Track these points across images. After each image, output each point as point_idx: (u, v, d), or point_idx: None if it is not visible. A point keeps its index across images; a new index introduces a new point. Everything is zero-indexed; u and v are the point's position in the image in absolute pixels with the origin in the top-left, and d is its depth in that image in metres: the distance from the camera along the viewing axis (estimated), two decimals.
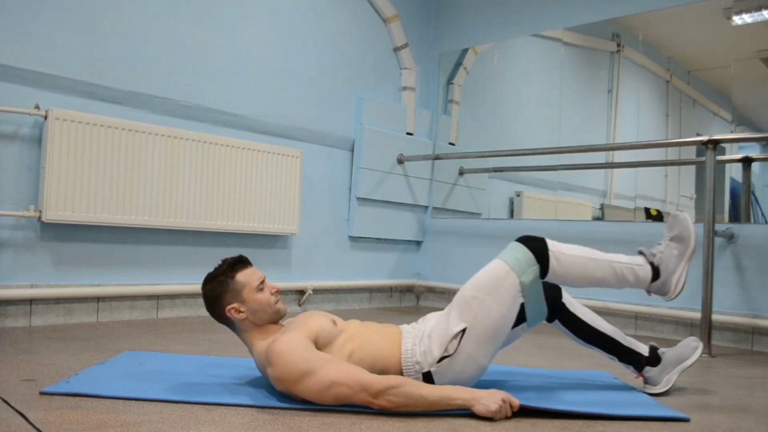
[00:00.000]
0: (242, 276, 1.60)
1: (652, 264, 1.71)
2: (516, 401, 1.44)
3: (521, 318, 1.66)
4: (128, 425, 1.27)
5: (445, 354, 1.57)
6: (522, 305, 1.62)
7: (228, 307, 1.58)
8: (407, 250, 4.11)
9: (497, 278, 1.61)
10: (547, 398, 1.63)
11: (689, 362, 1.76)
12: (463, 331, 1.57)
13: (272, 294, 1.61)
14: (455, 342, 1.57)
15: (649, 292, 1.75)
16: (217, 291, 1.59)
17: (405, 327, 1.68)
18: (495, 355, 1.64)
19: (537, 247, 1.63)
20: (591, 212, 3.81)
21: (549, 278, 1.65)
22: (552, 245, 1.65)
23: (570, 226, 3.54)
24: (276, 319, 1.62)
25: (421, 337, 1.62)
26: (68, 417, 1.30)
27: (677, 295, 1.72)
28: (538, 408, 1.48)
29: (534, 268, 1.61)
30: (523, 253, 1.62)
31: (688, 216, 1.76)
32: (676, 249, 1.73)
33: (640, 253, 1.74)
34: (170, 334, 2.48)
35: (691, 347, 1.78)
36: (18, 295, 2.45)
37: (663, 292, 1.73)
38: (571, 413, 1.49)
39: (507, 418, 1.43)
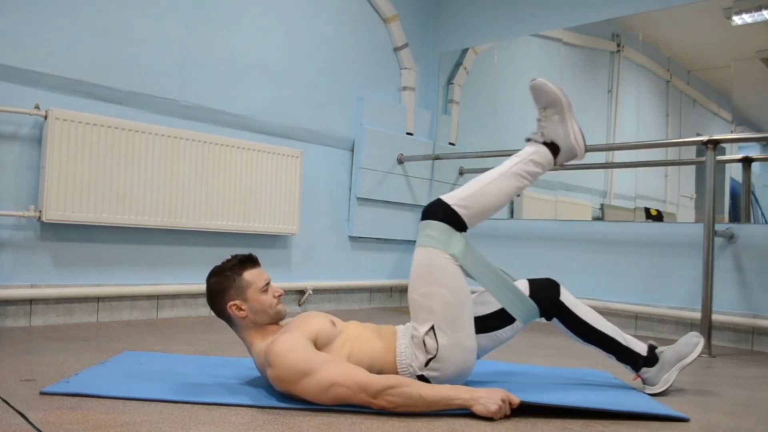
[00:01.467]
0: (249, 275, 1.60)
1: (544, 144, 1.73)
2: (516, 399, 1.44)
3: (509, 317, 1.65)
4: (128, 425, 1.27)
5: (429, 356, 1.57)
6: (485, 289, 1.64)
7: (230, 304, 1.58)
8: (407, 250, 4.11)
9: (427, 265, 1.61)
10: (546, 396, 1.63)
11: (689, 360, 1.75)
12: (432, 328, 1.57)
13: (275, 297, 1.61)
14: (431, 341, 1.57)
15: (560, 165, 1.76)
16: (223, 285, 1.59)
17: (400, 327, 1.69)
18: (476, 332, 1.63)
19: (441, 211, 1.63)
20: (591, 212, 3.81)
21: (471, 225, 1.65)
22: (449, 198, 1.65)
23: (570, 226, 3.54)
24: (276, 320, 1.62)
25: (409, 342, 1.62)
26: (68, 417, 1.30)
27: (584, 149, 1.74)
28: (537, 404, 1.48)
29: (454, 235, 1.61)
30: (433, 226, 1.63)
31: (542, 79, 1.75)
32: (554, 114, 1.74)
33: (527, 140, 1.76)
34: (170, 334, 2.48)
35: (692, 344, 1.77)
36: (18, 295, 2.45)
37: (572, 156, 1.75)
38: (569, 409, 1.49)
39: (506, 416, 1.43)
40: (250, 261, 1.63)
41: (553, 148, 1.73)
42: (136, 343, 2.23)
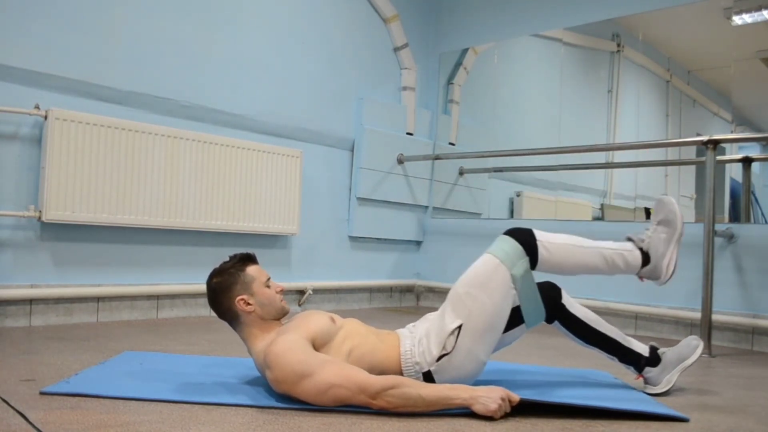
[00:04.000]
0: (252, 270, 1.62)
1: (641, 249, 1.73)
2: (515, 397, 1.45)
3: (519, 318, 1.66)
4: (128, 425, 1.27)
5: (444, 352, 1.57)
6: (517, 300, 1.64)
7: (237, 299, 1.58)
8: (407, 250, 4.11)
9: (488, 272, 1.62)
10: (546, 394, 1.63)
11: (689, 361, 1.76)
12: (459, 327, 1.58)
13: (277, 292, 1.62)
14: (452, 339, 1.57)
15: (641, 277, 1.77)
16: (228, 282, 1.59)
17: (402, 331, 1.69)
18: (492, 351, 1.65)
19: (525, 238, 1.64)
20: (591, 212, 3.81)
21: (540, 268, 1.65)
22: (540, 235, 1.66)
23: (570, 226, 3.54)
24: (281, 316, 1.63)
25: (420, 338, 1.62)
26: (68, 417, 1.30)
27: (669, 279, 1.75)
28: (537, 402, 1.48)
29: (523, 260, 1.62)
30: (512, 245, 1.63)
31: (673, 199, 1.78)
32: (663, 233, 1.75)
33: (629, 239, 1.76)
34: (170, 334, 2.48)
35: (692, 346, 1.78)
36: (18, 295, 2.45)
37: (655, 277, 1.75)
38: (569, 409, 1.49)
39: (506, 414, 1.43)
40: (250, 259, 1.65)
41: (645, 258, 1.73)
42: (136, 343, 2.23)
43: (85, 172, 2.56)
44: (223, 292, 1.60)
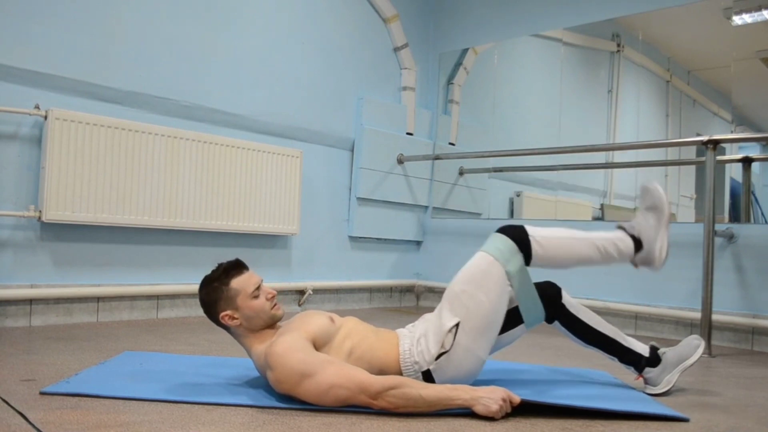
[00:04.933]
0: (237, 282, 1.58)
1: (632, 236, 1.74)
2: (516, 398, 1.45)
3: (518, 318, 1.66)
4: (128, 425, 1.27)
5: (442, 350, 1.58)
6: (514, 298, 1.64)
7: (222, 314, 1.58)
8: (407, 250, 4.11)
9: (483, 270, 1.63)
10: (546, 395, 1.63)
11: (690, 361, 1.76)
12: (457, 325, 1.58)
13: (268, 299, 1.59)
14: (450, 337, 1.58)
15: (635, 264, 1.78)
16: (212, 297, 1.59)
17: (401, 331, 1.69)
18: (491, 349, 1.65)
19: (517, 235, 1.65)
20: (591, 212, 3.81)
21: (534, 263, 1.67)
22: (532, 231, 1.67)
23: (570, 226, 3.53)
24: (271, 323, 1.61)
25: (418, 338, 1.62)
26: (68, 417, 1.30)
27: (663, 263, 1.76)
28: (537, 403, 1.48)
29: (517, 257, 1.63)
30: (505, 242, 1.64)
31: (657, 185, 1.79)
32: (652, 218, 1.77)
33: (620, 228, 1.78)
34: (170, 334, 2.48)
35: (693, 346, 1.78)
36: (18, 295, 2.45)
37: (649, 262, 1.76)
38: (569, 409, 1.49)
39: (507, 414, 1.43)
40: (236, 267, 1.61)
41: (637, 245, 1.75)
42: (136, 343, 2.23)
43: (85, 172, 2.56)
44: (209, 305, 1.61)
